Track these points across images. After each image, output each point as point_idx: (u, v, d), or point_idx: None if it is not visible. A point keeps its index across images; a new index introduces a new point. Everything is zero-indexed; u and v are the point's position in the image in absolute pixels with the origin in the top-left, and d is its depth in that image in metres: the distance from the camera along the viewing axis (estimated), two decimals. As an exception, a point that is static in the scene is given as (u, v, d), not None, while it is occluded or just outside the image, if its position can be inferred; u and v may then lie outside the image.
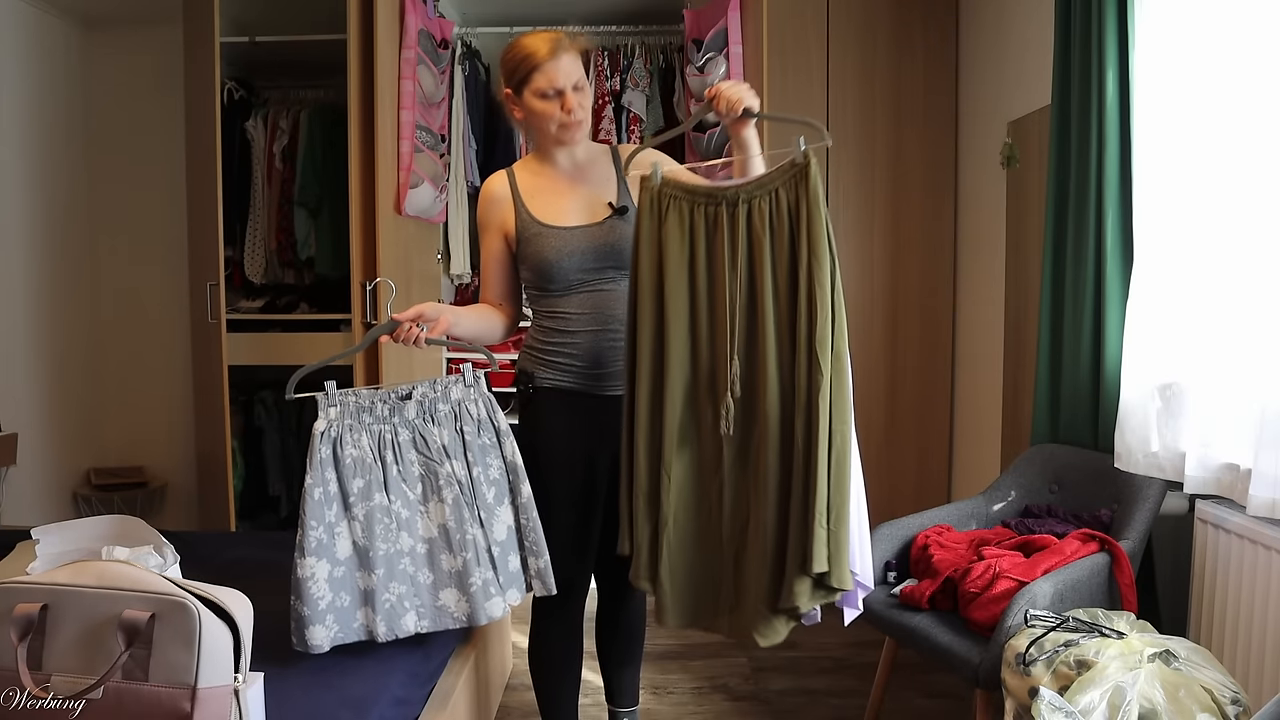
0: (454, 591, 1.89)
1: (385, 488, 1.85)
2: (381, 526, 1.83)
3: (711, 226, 1.69)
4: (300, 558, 1.78)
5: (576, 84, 1.85)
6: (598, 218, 1.91)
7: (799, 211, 1.60)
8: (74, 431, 3.75)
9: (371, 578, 1.83)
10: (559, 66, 1.82)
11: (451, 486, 1.87)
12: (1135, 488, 2.13)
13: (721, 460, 1.73)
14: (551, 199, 1.93)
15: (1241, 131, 1.93)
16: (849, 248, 3.53)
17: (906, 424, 3.57)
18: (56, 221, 3.64)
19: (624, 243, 1.86)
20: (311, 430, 1.81)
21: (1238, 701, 1.56)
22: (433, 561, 1.89)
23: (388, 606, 1.83)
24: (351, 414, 1.85)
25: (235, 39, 3.40)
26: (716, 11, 3.22)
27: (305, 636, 1.79)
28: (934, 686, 2.70)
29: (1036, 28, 2.81)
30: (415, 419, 1.88)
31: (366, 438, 1.85)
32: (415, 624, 1.86)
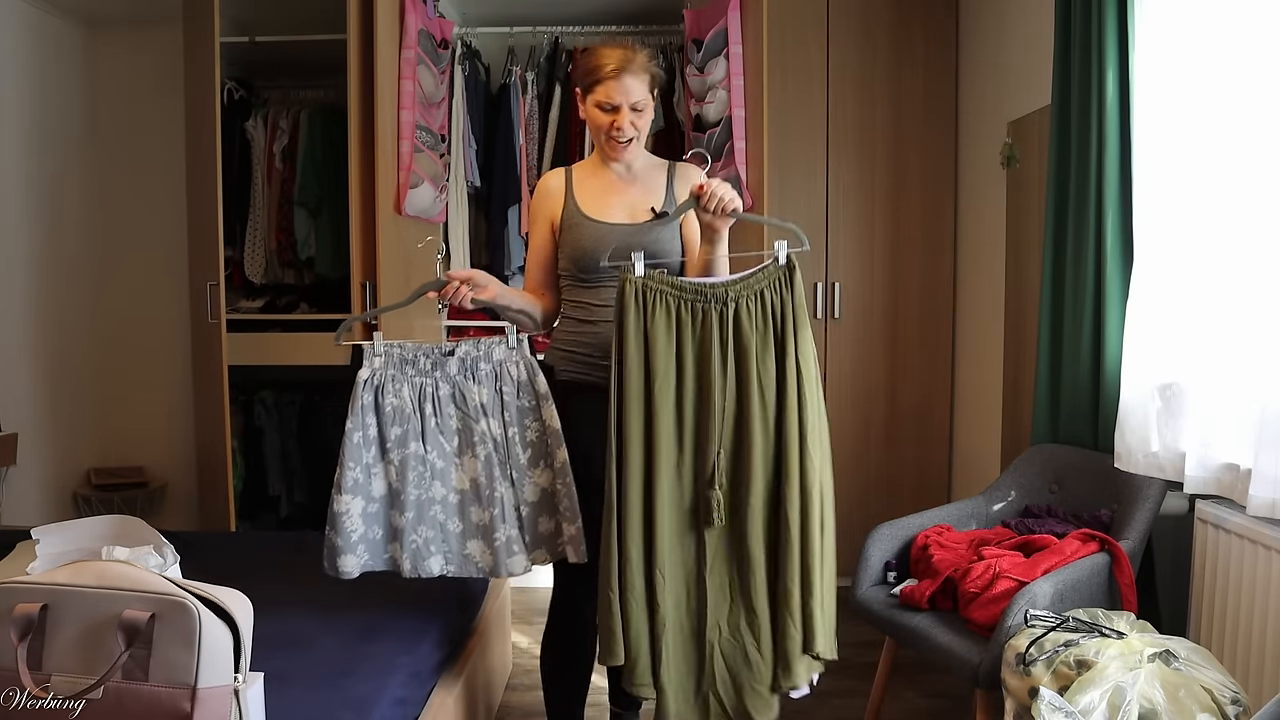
0: (480, 543, 1.96)
1: (422, 438, 1.93)
2: (415, 473, 1.92)
3: (699, 324, 1.77)
4: (337, 494, 1.90)
5: (635, 104, 1.94)
6: (638, 219, 2.01)
7: (786, 312, 1.77)
8: (74, 431, 3.75)
9: (402, 518, 1.92)
10: (620, 85, 1.91)
11: (485, 444, 1.94)
12: (1135, 488, 2.13)
13: (706, 552, 1.79)
14: (600, 195, 2.04)
15: (1241, 131, 1.93)
16: (849, 248, 3.53)
17: (906, 424, 3.57)
18: (57, 221, 3.64)
19: (659, 245, 1.96)
20: (355, 377, 1.91)
21: (1238, 701, 1.56)
22: (463, 512, 1.97)
23: (414, 547, 1.92)
24: (395, 365, 1.95)
25: (235, 39, 3.40)
26: (716, 11, 3.22)
27: (337, 564, 1.91)
28: (934, 686, 2.70)
29: (1036, 28, 2.81)
30: (456, 375, 1.95)
31: (408, 389, 1.94)
32: (441, 567, 1.95)
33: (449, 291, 1.89)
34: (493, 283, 1.94)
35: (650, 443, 1.76)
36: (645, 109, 1.96)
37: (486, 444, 1.94)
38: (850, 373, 3.56)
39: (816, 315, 3.54)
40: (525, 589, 3.60)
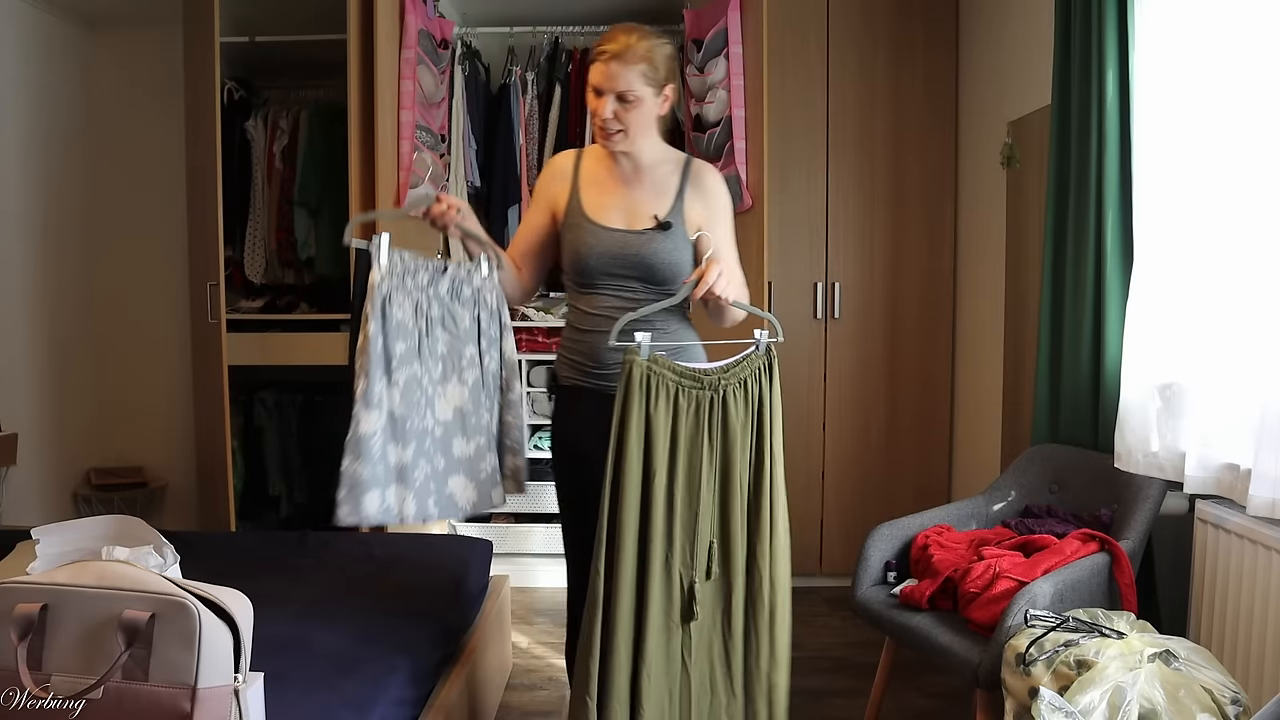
0: (462, 478, 1.84)
1: (419, 357, 1.77)
2: (415, 398, 1.76)
3: (693, 412, 1.75)
4: (364, 411, 1.69)
5: (623, 94, 1.82)
6: (637, 225, 1.89)
7: (765, 402, 1.80)
8: (74, 431, 3.75)
9: (406, 452, 1.74)
10: (608, 70, 1.81)
11: (474, 368, 1.86)
12: (1135, 488, 2.13)
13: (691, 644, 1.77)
14: (603, 193, 1.93)
15: (1241, 132, 1.93)
16: (849, 248, 3.53)
17: (906, 424, 3.57)
18: (57, 221, 3.64)
19: (656, 258, 1.87)
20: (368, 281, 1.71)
21: (1238, 701, 1.56)
22: (446, 446, 1.82)
23: (418, 484, 1.77)
24: (398, 274, 1.75)
25: (235, 39, 3.40)
26: (716, 11, 3.22)
27: (362, 504, 1.69)
28: (934, 686, 2.70)
29: (1036, 28, 2.81)
30: (446, 295, 1.84)
31: (409, 302, 1.77)
32: (433, 509, 1.80)
33: (437, 210, 1.82)
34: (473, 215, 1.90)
35: (644, 538, 1.71)
36: (637, 102, 1.82)
37: (475, 368, 1.85)
38: (850, 373, 3.56)
39: (816, 315, 3.54)
40: (525, 589, 3.61)
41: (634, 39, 1.82)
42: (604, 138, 1.88)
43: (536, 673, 2.85)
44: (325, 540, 2.61)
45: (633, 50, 1.81)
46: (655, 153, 1.94)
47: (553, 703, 2.65)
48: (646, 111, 1.86)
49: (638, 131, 1.87)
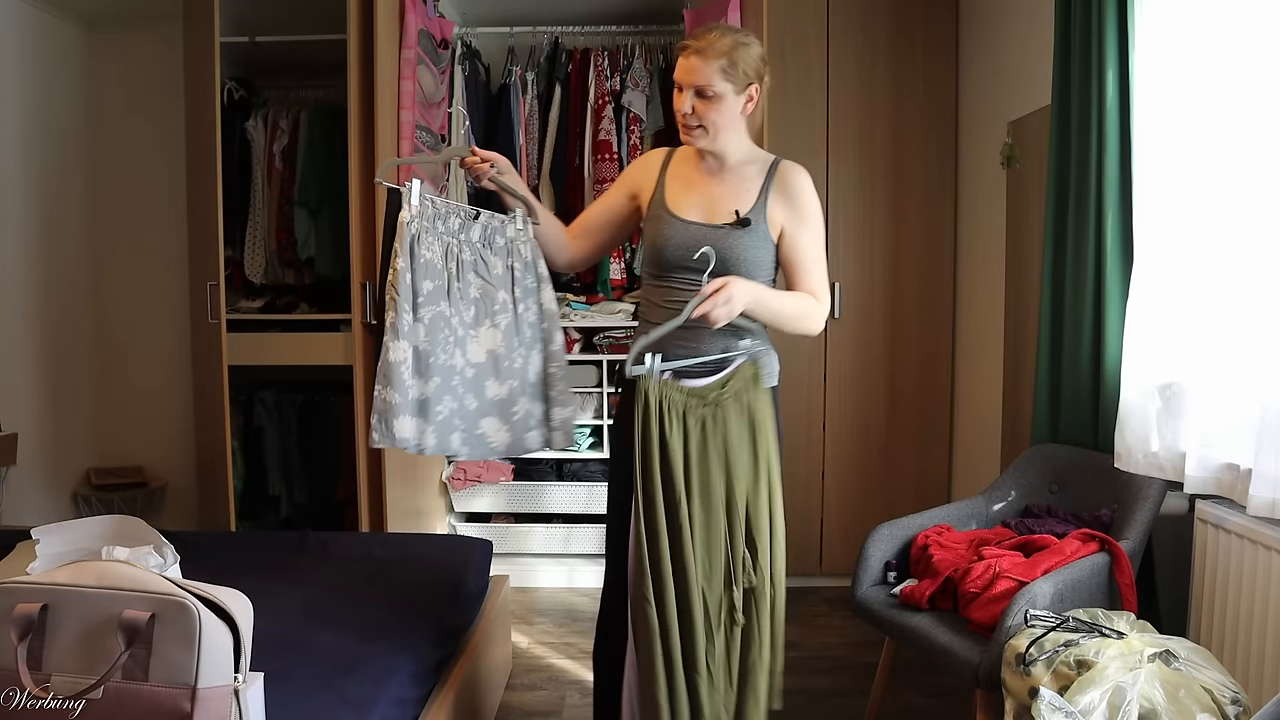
0: (495, 420, 1.90)
1: (448, 297, 1.84)
2: (442, 335, 1.82)
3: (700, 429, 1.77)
4: (394, 341, 1.76)
5: (701, 89, 1.82)
6: (716, 220, 1.89)
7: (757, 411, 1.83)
8: (74, 431, 3.75)
9: (428, 385, 1.80)
10: (687, 64, 1.83)
11: (506, 312, 1.91)
12: (1135, 488, 2.13)
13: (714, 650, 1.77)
14: (687, 189, 1.95)
15: (1241, 132, 1.93)
16: (849, 248, 3.53)
17: (906, 424, 3.57)
18: (57, 221, 3.64)
19: (732, 253, 1.86)
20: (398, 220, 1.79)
21: (1238, 701, 1.56)
22: (478, 387, 1.88)
23: (440, 419, 1.82)
24: (429, 217, 1.82)
25: (235, 39, 3.40)
26: (716, 11, 3.22)
27: (393, 428, 1.75)
28: (934, 686, 2.70)
29: (1036, 28, 2.81)
30: (478, 242, 1.90)
31: (439, 244, 1.84)
32: (459, 445, 1.87)
33: (470, 161, 1.88)
34: (513, 170, 1.94)
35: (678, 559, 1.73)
36: (716, 99, 1.82)
37: (507, 313, 1.90)
38: (850, 373, 3.56)
39: (816, 315, 3.54)
40: (525, 589, 3.61)
41: (716, 35, 1.83)
42: (685, 134, 1.89)
43: (536, 673, 2.85)
44: (325, 540, 2.61)
45: (713, 46, 1.81)
46: (742, 152, 1.93)
47: (553, 703, 2.65)
48: (727, 109, 1.85)
49: (719, 129, 1.86)
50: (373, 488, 3.00)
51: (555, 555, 3.76)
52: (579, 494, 3.71)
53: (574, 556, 3.73)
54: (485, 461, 3.72)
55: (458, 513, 3.81)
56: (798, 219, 1.92)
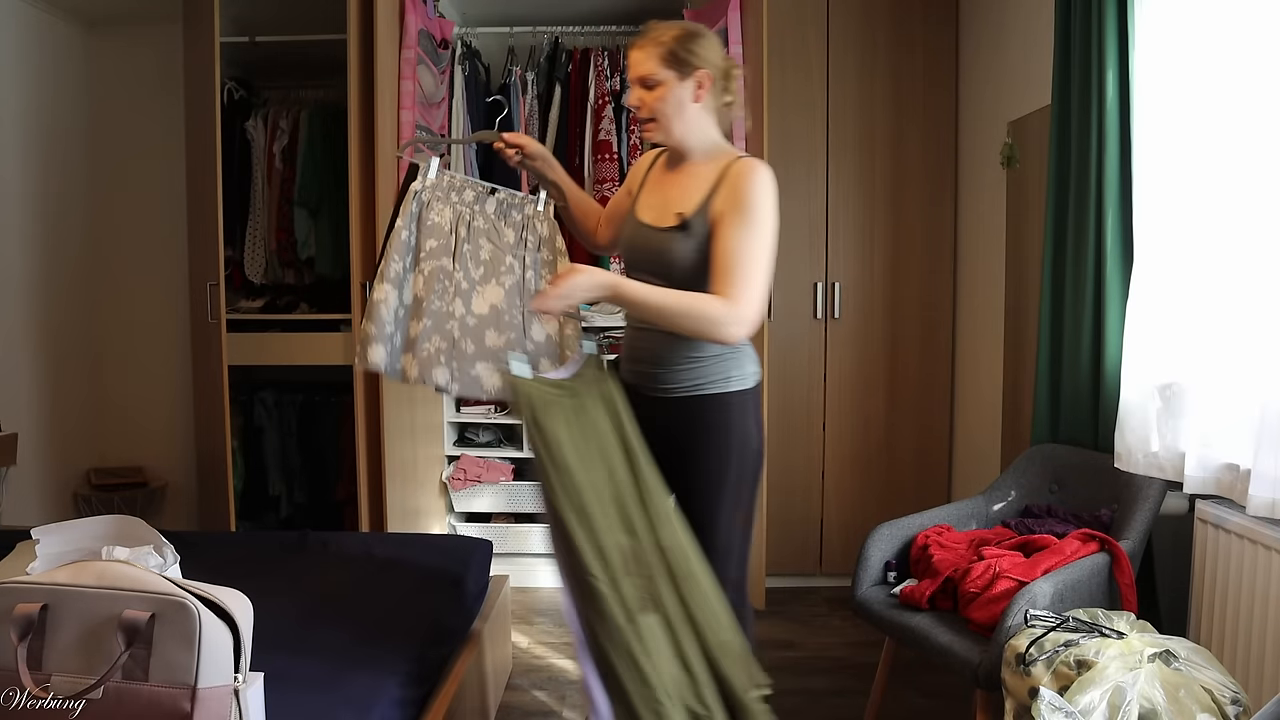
0: (488, 365, 2.12)
1: (452, 255, 2.10)
2: (440, 285, 2.06)
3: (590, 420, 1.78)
4: (379, 283, 2.03)
5: (643, 79, 1.84)
6: (664, 222, 1.86)
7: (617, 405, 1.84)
8: (74, 431, 3.75)
9: (418, 325, 2.05)
10: (631, 59, 1.87)
11: (512, 274, 2.14)
12: (1135, 488, 2.13)
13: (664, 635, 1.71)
14: (653, 188, 1.96)
15: (1241, 132, 1.93)
16: (849, 248, 3.53)
17: (906, 424, 3.57)
18: (57, 221, 3.64)
19: (668, 256, 1.83)
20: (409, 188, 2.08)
21: (1238, 701, 1.56)
22: (479, 335, 2.12)
23: (424, 355, 2.06)
24: (443, 189, 2.11)
25: (235, 39, 3.40)
26: (716, 11, 3.22)
27: (368, 353, 2.04)
28: (934, 686, 2.70)
29: (1036, 28, 2.81)
30: (494, 214, 2.16)
31: (450, 211, 2.11)
32: (446, 382, 2.09)
33: (498, 146, 2.00)
34: (546, 156, 2.03)
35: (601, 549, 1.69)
36: (658, 88, 1.81)
37: (513, 275, 2.13)
38: (850, 372, 3.56)
39: (816, 315, 3.54)
40: (525, 589, 3.61)
41: (659, 28, 1.85)
42: (643, 130, 1.89)
43: (536, 673, 2.85)
44: (325, 540, 2.61)
45: (652, 38, 1.83)
46: (705, 149, 1.89)
47: (552, 703, 2.65)
48: (674, 98, 1.82)
49: (668, 119, 1.84)
50: (373, 488, 3.00)
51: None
52: (579, 494, 3.71)
53: (574, 556, 3.72)
54: (485, 461, 3.73)
55: (458, 513, 3.81)
56: (730, 213, 1.78)
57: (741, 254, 1.75)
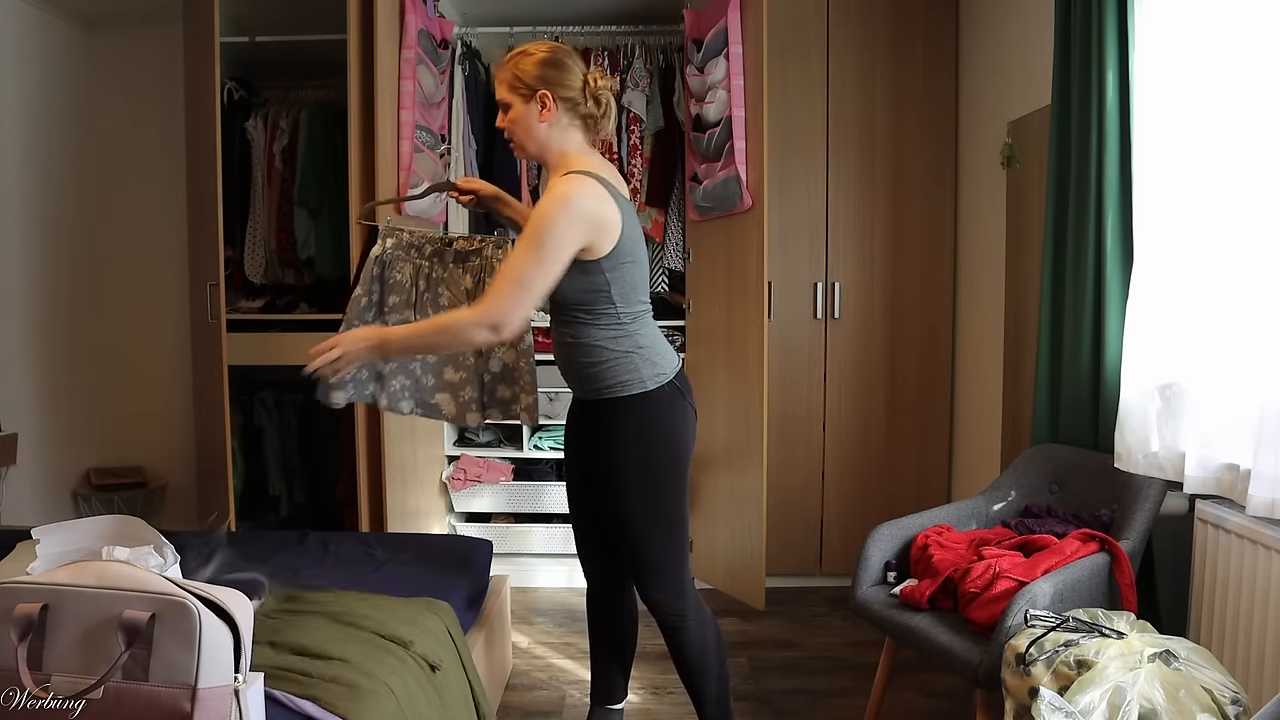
0: (447, 396, 2.44)
1: (414, 307, 2.40)
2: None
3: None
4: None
5: (501, 103, 1.95)
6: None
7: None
8: (74, 431, 3.75)
9: (386, 366, 2.36)
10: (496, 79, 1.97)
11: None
12: (1135, 488, 2.13)
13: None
14: None
15: (1241, 132, 1.93)
16: (849, 248, 3.53)
17: (906, 424, 3.57)
18: (56, 220, 3.64)
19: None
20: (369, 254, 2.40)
21: (1238, 701, 1.56)
22: (439, 371, 2.43)
23: (392, 390, 2.39)
24: (403, 247, 2.42)
25: (235, 39, 3.40)
26: (716, 11, 3.22)
27: (330, 396, 2.32)
28: (934, 686, 2.70)
29: (1036, 28, 2.81)
30: (451, 263, 2.43)
31: (410, 268, 2.41)
32: (410, 410, 2.43)
33: (455, 196, 2.21)
34: (499, 195, 2.19)
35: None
36: (512, 112, 1.92)
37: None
38: (850, 373, 3.56)
39: (816, 315, 3.54)
40: (525, 589, 3.61)
41: (510, 54, 1.95)
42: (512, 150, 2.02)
43: (536, 673, 2.85)
44: (325, 540, 2.61)
45: (504, 63, 1.94)
46: (555, 164, 1.97)
47: (553, 703, 2.65)
48: (524, 120, 1.93)
49: (522, 140, 1.96)
50: (373, 488, 3.00)
51: (555, 555, 3.75)
52: (579, 494, 3.71)
53: (574, 556, 3.68)
54: (485, 461, 3.72)
55: (457, 513, 3.81)
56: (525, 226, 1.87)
57: (509, 263, 1.83)
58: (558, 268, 1.80)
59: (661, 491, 1.95)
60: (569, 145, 1.95)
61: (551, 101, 1.89)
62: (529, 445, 3.78)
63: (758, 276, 3.11)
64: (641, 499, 1.95)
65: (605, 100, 1.95)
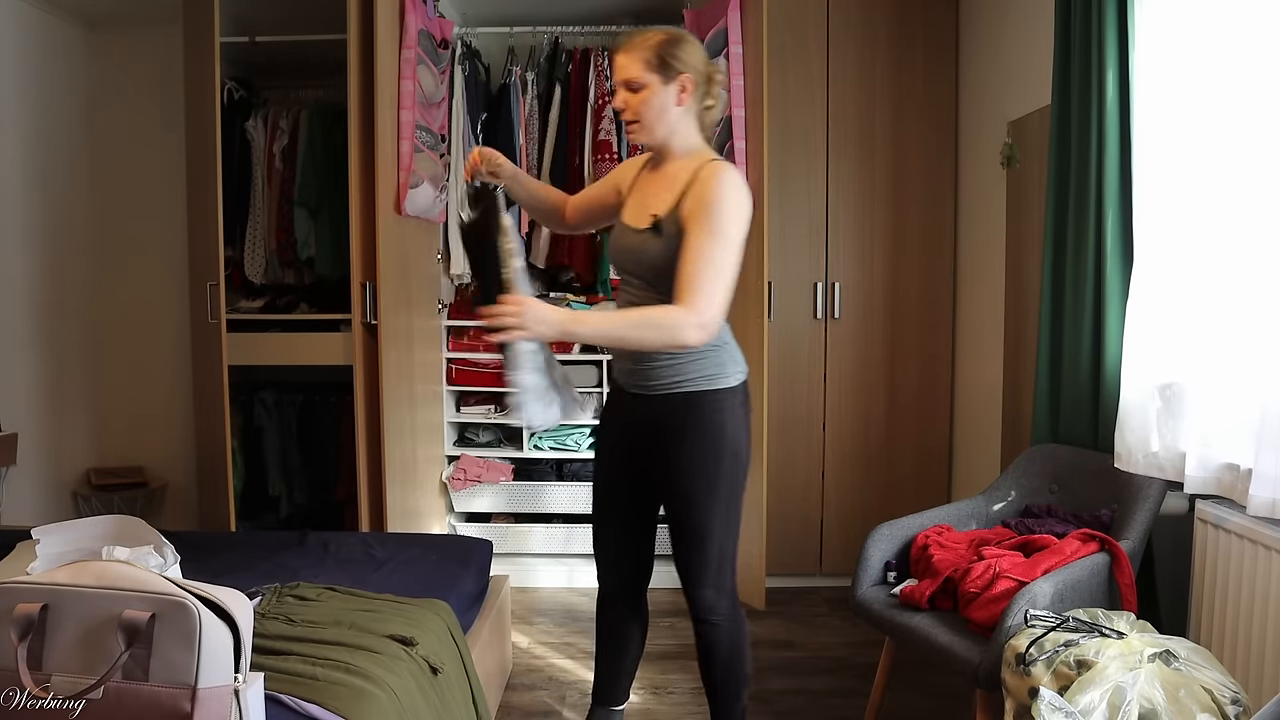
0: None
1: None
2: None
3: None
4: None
5: (628, 82, 1.87)
6: (640, 224, 1.91)
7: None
8: (74, 431, 3.75)
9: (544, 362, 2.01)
10: (617, 62, 1.89)
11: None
12: (1135, 488, 2.13)
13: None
14: (638, 190, 2.00)
15: (1241, 132, 1.93)
16: (849, 248, 3.53)
17: (906, 424, 3.57)
18: (57, 221, 3.64)
19: (645, 256, 1.88)
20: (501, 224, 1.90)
21: (1238, 701, 1.56)
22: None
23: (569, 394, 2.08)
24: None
25: (235, 39, 3.40)
26: (716, 11, 3.22)
27: (529, 413, 1.93)
28: (934, 686, 2.70)
29: (1036, 28, 2.81)
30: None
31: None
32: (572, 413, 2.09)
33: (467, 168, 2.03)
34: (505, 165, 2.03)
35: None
36: (644, 92, 1.85)
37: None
38: (850, 373, 3.56)
39: (816, 315, 3.54)
40: (525, 589, 3.61)
41: (645, 33, 1.89)
42: (627, 132, 1.93)
43: (536, 673, 2.85)
44: (325, 540, 2.61)
45: (638, 42, 1.87)
46: (684, 152, 1.93)
47: (553, 703, 2.65)
48: (657, 101, 1.87)
49: (650, 122, 1.88)
50: (372, 488, 3.00)
51: (555, 555, 3.76)
52: (579, 494, 3.71)
53: (574, 556, 3.73)
54: (485, 461, 3.73)
55: (458, 513, 3.81)
56: (694, 215, 1.80)
57: (701, 258, 1.77)
58: (740, 257, 1.81)
59: (733, 490, 1.94)
60: (694, 133, 1.94)
61: (691, 85, 1.88)
62: (529, 445, 3.78)
63: (757, 276, 3.11)
64: (713, 496, 1.92)
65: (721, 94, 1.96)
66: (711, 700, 2.11)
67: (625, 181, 2.06)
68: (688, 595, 2.01)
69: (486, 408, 3.81)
